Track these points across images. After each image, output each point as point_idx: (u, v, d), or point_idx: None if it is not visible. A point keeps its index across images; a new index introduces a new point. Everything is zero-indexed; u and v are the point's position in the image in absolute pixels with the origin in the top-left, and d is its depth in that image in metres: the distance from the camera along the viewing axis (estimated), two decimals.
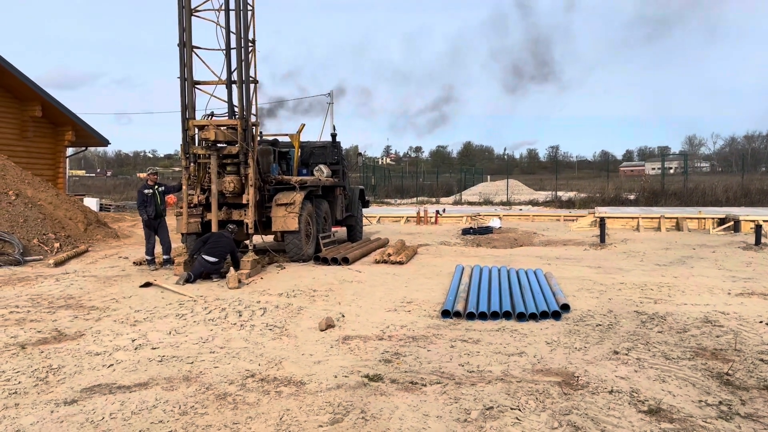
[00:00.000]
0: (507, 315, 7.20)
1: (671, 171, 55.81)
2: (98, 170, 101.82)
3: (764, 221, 17.00)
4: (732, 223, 18.38)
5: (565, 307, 7.51)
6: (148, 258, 11.31)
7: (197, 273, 9.75)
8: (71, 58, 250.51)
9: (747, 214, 19.17)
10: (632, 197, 32.11)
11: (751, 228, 16.18)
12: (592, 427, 4.05)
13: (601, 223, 16.50)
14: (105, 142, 23.94)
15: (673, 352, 5.80)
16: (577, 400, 4.54)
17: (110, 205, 30.58)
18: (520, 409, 4.37)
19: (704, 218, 19.50)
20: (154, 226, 11.51)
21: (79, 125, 21.57)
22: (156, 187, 11.51)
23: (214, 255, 9.96)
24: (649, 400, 4.56)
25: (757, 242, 14.35)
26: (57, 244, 13.32)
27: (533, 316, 7.11)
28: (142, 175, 12.59)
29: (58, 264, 11.76)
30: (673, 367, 5.35)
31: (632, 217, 20.45)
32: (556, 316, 7.16)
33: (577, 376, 5.09)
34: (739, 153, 73.99)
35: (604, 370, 5.27)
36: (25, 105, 19.78)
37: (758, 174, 43.37)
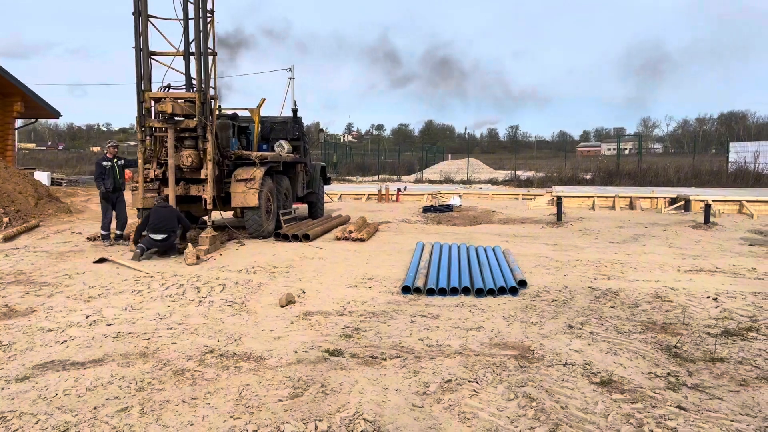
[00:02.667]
0: (466, 291, 7.30)
1: (626, 152, 57.05)
2: (49, 143, 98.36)
3: (713, 201, 17.62)
4: (683, 202, 18.98)
5: (522, 283, 7.66)
6: (104, 233, 11.01)
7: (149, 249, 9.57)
8: (23, 25, 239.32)
9: (697, 194, 19.82)
10: (588, 177, 32.77)
11: (701, 207, 16.71)
12: (546, 399, 4.17)
13: (558, 201, 16.81)
14: (56, 114, 23.16)
15: (624, 326, 5.99)
16: (532, 373, 4.66)
17: (62, 179, 29.63)
18: (477, 382, 4.46)
19: (656, 198, 20.09)
20: (112, 200, 11.18)
21: (29, 96, 20.75)
22: (115, 160, 11.19)
23: (160, 232, 9.62)
24: (602, 372, 4.70)
25: (706, 221, 14.84)
26: (6, 219, 12.87)
27: (491, 292, 7.23)
28: (96, 149, 12.08)
29: (7, 239, 11.37)
30: (625, 340, 5.53)
31: (588, 196, 20.92)
32: (513, 291, 7.30)
33: (533, 350, 5.22)
34: (691, 135, 76.17)
35: (558, 343, 5.41)
36: None
37: (708, 155, 44.68)
